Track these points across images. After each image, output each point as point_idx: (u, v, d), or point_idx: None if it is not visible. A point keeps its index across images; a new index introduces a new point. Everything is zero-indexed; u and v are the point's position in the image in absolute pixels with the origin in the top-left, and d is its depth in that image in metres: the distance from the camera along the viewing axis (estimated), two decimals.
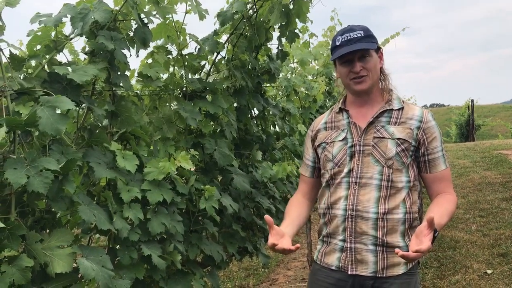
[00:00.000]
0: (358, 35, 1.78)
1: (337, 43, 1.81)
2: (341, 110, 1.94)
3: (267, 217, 1.67)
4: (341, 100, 1.98)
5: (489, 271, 4.27)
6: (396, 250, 1.55)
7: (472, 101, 18.55)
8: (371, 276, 1.77)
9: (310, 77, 4.97)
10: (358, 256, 1.79)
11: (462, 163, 9.70)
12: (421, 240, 1.54)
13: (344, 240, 1.81)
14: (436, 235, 1.57)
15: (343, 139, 1.86)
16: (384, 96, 1.87)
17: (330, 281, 1.86)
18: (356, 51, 1.76)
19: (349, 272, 1.80)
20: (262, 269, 4.93)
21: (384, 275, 1.77)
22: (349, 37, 1.78)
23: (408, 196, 1.80)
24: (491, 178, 8.06)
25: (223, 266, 2.47)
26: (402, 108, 1.84)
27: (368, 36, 1.80)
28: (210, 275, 2.38)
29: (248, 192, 2.61)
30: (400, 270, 1.78)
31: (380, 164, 1.78)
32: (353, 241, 1.79)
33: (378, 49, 1.85)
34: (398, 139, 1.78)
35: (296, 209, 1.97)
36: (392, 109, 1.84)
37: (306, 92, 4.42)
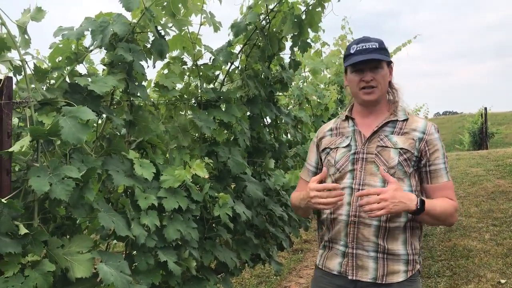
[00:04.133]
0: (373, 46, 1.83)
1: (352, 51, 1.86)
2: (347, 118, 1.98)
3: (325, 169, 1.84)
4: (347, 109, 2.02)
5: (502, 281, 4.24)
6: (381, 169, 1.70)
7: (486, 108, 18.36)
8: (371, 282, 1.80)
9: (322, 86, 5.01)
10: (359, 262, 1.81)
11: (475, 171, 9.63)
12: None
13: (346, 246, 1.84)
14: (420, 207, 1.68)
15: (346, 146, 1.91)
16: (390, 108, 1.92)
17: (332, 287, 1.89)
18: (369, 60, 1.81)
19: (350, 277, 1.82)
20: (274, 277, 4.94)
21: (383, 282, 1.79)
22: (364, 47, 1.83)
23: None
24: (504, 186, 7.99)
25: (236, 272, 2.51)
26: (407, 120, 1.87)
27: (382, 48, 1.85)
28: (223, 282, 2.41)
29: (261, 200, 2.65)
30: (400, 277, 1.80)
31: None
32: (354, 247, 1.82)
33: (389, 63, 1.89)
34: (401, 148, 1.81)
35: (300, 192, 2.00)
36: (396, 120, 1.87)
37: (318, 100, 4.45)
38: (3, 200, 1.38)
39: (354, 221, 1.81)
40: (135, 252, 1.86)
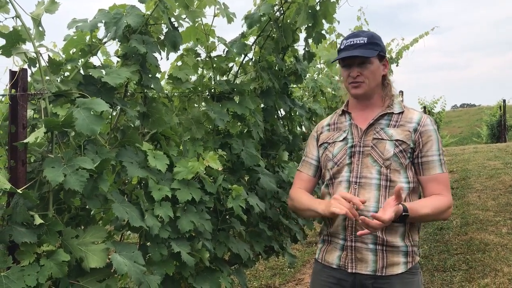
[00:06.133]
0: (361, 42, 1.85)
1: (342, 47, 1.89)
2: (344, 112, 2.00)
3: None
4: (344, 103, 2.04)
5: None
6: (362, 217, 1.64)
7: (504, 101, 18.09)
8: (371, 275, 1.80)
9: (336, 78, 4.96)
10: (358, 255, 1.82)
11: (493, 164, 9.49)
12: (385, 210, 1.64)
13: (344, 239, 1.85)
14: (405, 214, 1.70)
15: (343, 139, 1.92)
16: (385, 102, 1.93)
17: (332, 280, 1.89)
18: (355, 56, 1.83)
19: (349, 271, 1.83)
20: (288, 269, 4.95)
21: (383, 274, 1.79)
22: (352, 42, 1.85)
23: (408, 198, 1.83)
24: None
25: (250, 264, 2.51)
26: (402, 112, 1.90)
27: (371, 43, 1.86)
28: (237, 273, 2.42)
29: (274, 192, 2.64)
30: (400, 269, 1.80)
31: (378, 164, 1.83)
32: (353, 240, 1.82)
33: (382, 57, 1.90)
34: (397, 140, 1.83)
35: (308, 194, 2.02)
36: (392, 113, 1.89)
37: (332, 92, 4.42)
38: (18, 190, 1.40)
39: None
40: (149, 243, 1.88)
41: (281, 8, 2.70)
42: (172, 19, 2.02)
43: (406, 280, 1.81)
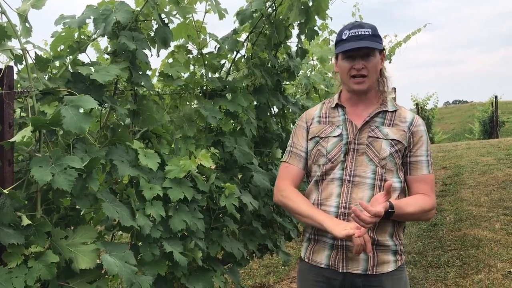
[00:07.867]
0: (366, 33, 1.77)
1: (344, 37, 1.80)
2: (337, 105, 1.92)
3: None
4: (336, 96, 1.96)
5: None
6: (353, 208, 1.60)
7: (496, 97, 18.20)
8: (362, 273, 1.77)
9: (329, 74, 4.95)
10: (349, 254, 1.78)
11: (486, 160, 9.53)
12: (374, 205, 1.62)
13: (334, 238, 1.77)
14: (391, 211, 1.67)
15: (338, 135, 1.85)
16: (379, 98, 1.89)
17: (321, 279, 1.85)
18: (361, 48, 1.76)
19: (340, 270, 1.79)
20: (282, 267, 4.93)
21: (374, 272, 1.77)
22: (357, 33, 1.77)
23: (398, 198, 1.81)
24: None
25: (244, 263, 2.49)
26: (396, 111, 1.86)
27: (375, 35, 1.79)
28: (230, 272, 2.40)
29: (268, 190, 2.62)
30: (390, 267, 1.79)
31: (374, 164, 1.79)
32: (344, 239, 1.73)
33: (381, 51, 1.84)
34: (392, 140, 1.80)
35: (306, 199, 1.90)
36: (386, 111, 1.85)
37: (326, 89, 4.40)
38: (5, 191, 1.37)
39: (344, 212, 1.77)
40: (140, 243, 1.85)
41: (274, 4, 2.67)
42: (163, 15, 1.99)
43: (395, 276, 1.80)
